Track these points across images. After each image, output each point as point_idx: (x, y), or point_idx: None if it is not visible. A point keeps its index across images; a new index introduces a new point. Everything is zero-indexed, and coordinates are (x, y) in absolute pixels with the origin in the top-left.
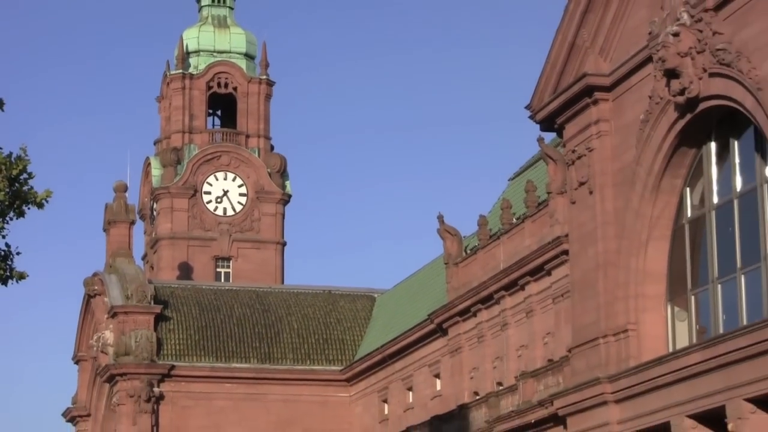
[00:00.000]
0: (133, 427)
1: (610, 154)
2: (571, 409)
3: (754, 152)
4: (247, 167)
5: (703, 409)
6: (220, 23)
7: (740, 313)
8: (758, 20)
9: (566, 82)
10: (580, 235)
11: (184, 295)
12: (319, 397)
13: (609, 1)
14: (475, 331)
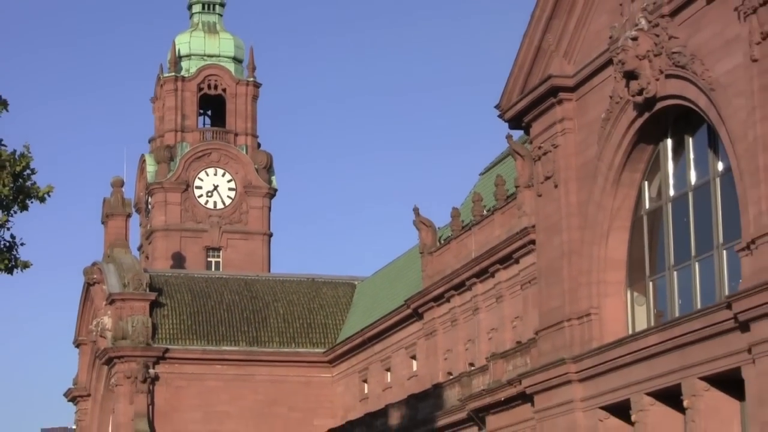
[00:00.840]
0: (130, 406)
1: (573, 150)
2: (538, 387)
3: (707, 148)
4: (236, 163)
5: (661, 387)
6: (210, 29)
7: (694, 298)
8: (710, 25)
9: (533, 83)
10: (546, 226)
11: (177, 283)
12: (304, 378)
13: (572, 8)
14: (449, 315)
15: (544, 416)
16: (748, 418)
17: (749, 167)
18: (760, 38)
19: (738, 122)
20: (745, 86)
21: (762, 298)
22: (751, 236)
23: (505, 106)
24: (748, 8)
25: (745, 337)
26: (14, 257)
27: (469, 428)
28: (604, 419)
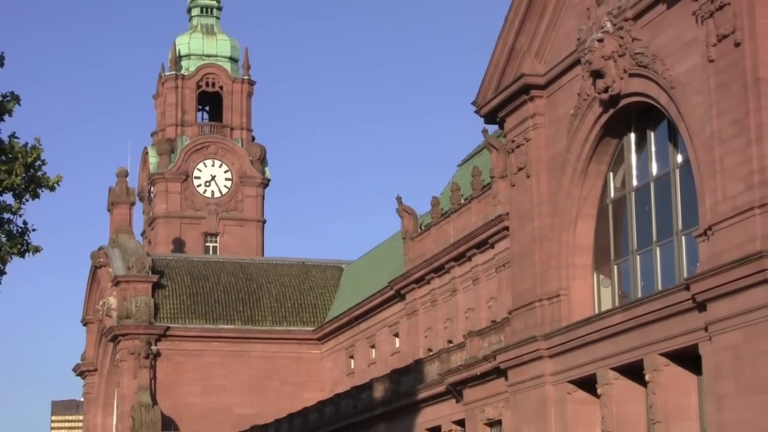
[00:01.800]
0: (134, 380)
1: (544, 143)
2: (511, 363)
3: (668, 142)
4: (232, 155)
5: (624, 363)
6: (208, 31)
7: (656, 280)
8: (670, 28)
9: (506, 81)
10: (519, 214)
11: (177, 266)
12: (294, 354)
13: (543, 11)
14: (429, 296)
15: (517, 389)
16: (704, 390)
17: (706, 159)
18: (716, 40)
19: (696, 118)
20: (703, 85)
21: (718, 281)
22: (708, 223)
23: (481, 102)
24: (705, 13)
25: (702, 317)
26: (26, 242)
27: (448, 401)
28: (572, 392)
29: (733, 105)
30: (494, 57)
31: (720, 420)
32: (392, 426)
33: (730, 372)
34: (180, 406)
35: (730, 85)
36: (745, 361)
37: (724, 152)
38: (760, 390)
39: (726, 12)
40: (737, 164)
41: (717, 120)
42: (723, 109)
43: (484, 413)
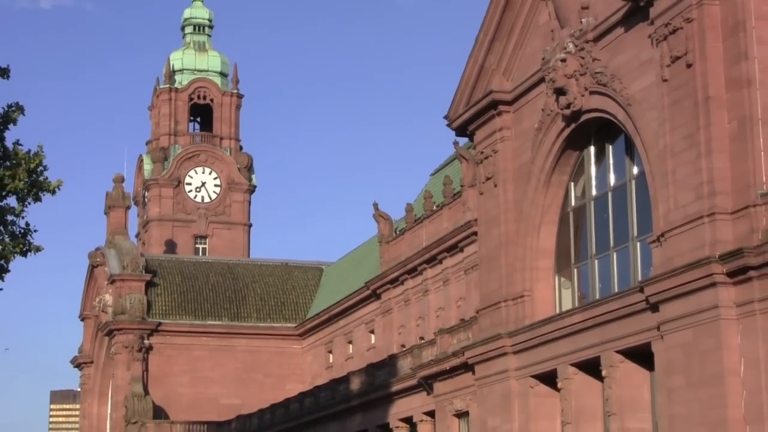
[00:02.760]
0: (128, 372)
1: (510, 155)
2: (478, 358)
3: (625, 155)
4: (221, 163)
5: (583, 359)
6: (200, 47)
7: (612, 282)
8: (628, 50)
9: (476, 97)
10: (486, 220)
11: (169, 266)
12: (277, 348)
13: (511, 33)
14: (403, 296)
15: (483, 383)
16: (656, 385)
17: (660, 171)
18: (669, 61)
19: (650, 133)
20: (657, 102)
21: (669, 284)
22: (661, 230)
23: (453, 116)
24: (659, 36)
25: (654, 317)
26: (28, 242)
27: (419, 393)
28: (535, 386)
29: (684, 121)
30: (465, 74)
31: (670, 412)
32: (368, 416)
33: (680, 368)
34: (170, 396)
35: (682, 102)
36: (694, 358)
37: (676, 164)
38: (708, 385)
39: (679, 35)
40: (688, 176)
41: (670, 135)
42: (675, 124)
43: (453, 405)
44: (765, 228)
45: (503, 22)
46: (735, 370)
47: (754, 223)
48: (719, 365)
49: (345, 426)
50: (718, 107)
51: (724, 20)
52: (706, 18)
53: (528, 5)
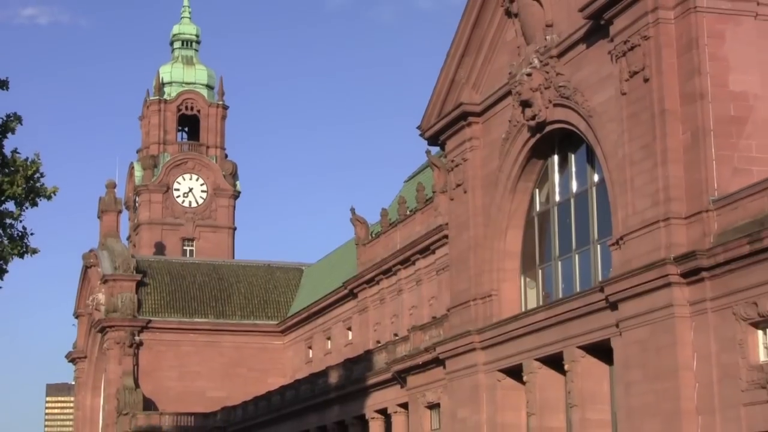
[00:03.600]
0: (119, 366)
1: (479, 163)
2: (448, 353)
3: (586, 163)
4: (207, 170)
5: (546, 354)
6: (188, 61)
7: (574, 282)
8: (589, 65)
9: (447, 108)
10: (456, 224)
11: (158, 266)
12: (260, 344)
13: (480, 49)
14: (378, 295)
15: (453, 377)
16: (615, 378)
17: (619, 179)
18: (628, 76)
19: (610, 143)
20: (616, 114)
21: (628, 284)
22: (620, 234)
23: (425, 126)
24: (619, 52)
25: (614, 315)
26: (25, 244)
27: (393, 386)
28: (501, 380)
29: (642, 132)
30: (437, 87)
31: (628, 404)
32: (345, 408)
33: (637, 362)
34: (159, 389)
35: (640, 114)
36: (650, 353)
37: (634, 173)
38: (663, 378)
39: (637, 52)
40: (645, 183)
41: (628, 145)
42: (633, 135)
43: (425, 397)
44: (716, 232)
45: (473, 39)
46: (688, 365)
47: (706, 228)
48: (674, 360)
49: (324, 417)
50: (673, 119)
51: (679, 38)
52: (662, 36)
53: (496, 23)
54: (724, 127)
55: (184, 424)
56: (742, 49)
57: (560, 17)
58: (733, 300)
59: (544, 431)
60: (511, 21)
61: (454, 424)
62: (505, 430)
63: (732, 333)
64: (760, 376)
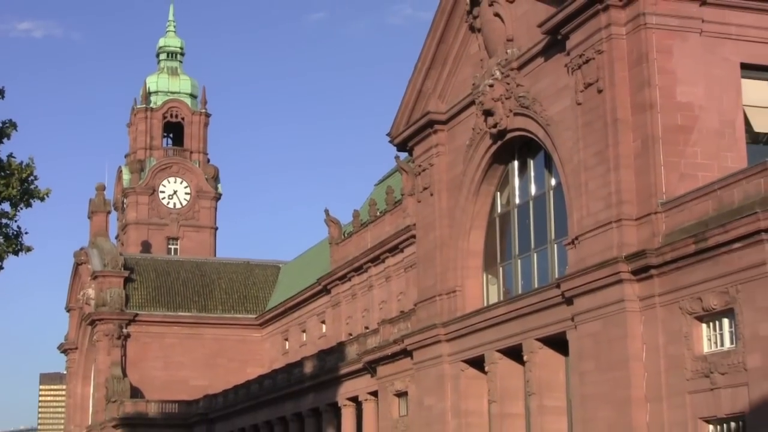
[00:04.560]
0: (108, 357)
1: (445, 168)
2: (416, 345)
3: (544, 168)
4: (191, 174)
5: (507, 346)
6: (173, 72)
7: (533, 279)
8: (547, 77)
9: (415, 117)
10: (423, 224)
11: (145, 264)
12: (240, 337)
13: (446, 61)
14: (350, 291)
15: (420, 367)
16: (570, 368)
17: (574, 183)
18: (583, 87)
19: (566, 149)
20: (572, 123)
21: (582, 280)
22: (575, 234)
23: (394, 134)
24: (574, 65)
25: (569, 309)
26: (20, 243)
27: (364, 376)
28: (465, 369)
29: (596, 139)
30: (405, 97)
31: (582, 392)
32: (319, 396)
33: (590, 354)
34: (146, 378)
35: (594, 123)
36: (602, 345)
37: (589, 177)
38: (614, 368)
39: (591, 65)
40: (599, 187)
41: (583, 151)
42: (588, 142)
43: (394, 386)
44: (664, 232)
45: (439, 52)
46: (638, 356)
47: (655, 228)
48: (624, 351)
49: (299, 404)
50: (625, 128)
51: (630, 52)
52: (614, 50)
53: (460, 38)
54: (672, 135)
55: (169, 411)
56: (688, 63)
57: (520, 32)
58: (680, 296)
59: (504, 417)
60: (475, 36)
61: (420, 411)
62: (468, 416)
63: (678, 326)
64: (703, 366)
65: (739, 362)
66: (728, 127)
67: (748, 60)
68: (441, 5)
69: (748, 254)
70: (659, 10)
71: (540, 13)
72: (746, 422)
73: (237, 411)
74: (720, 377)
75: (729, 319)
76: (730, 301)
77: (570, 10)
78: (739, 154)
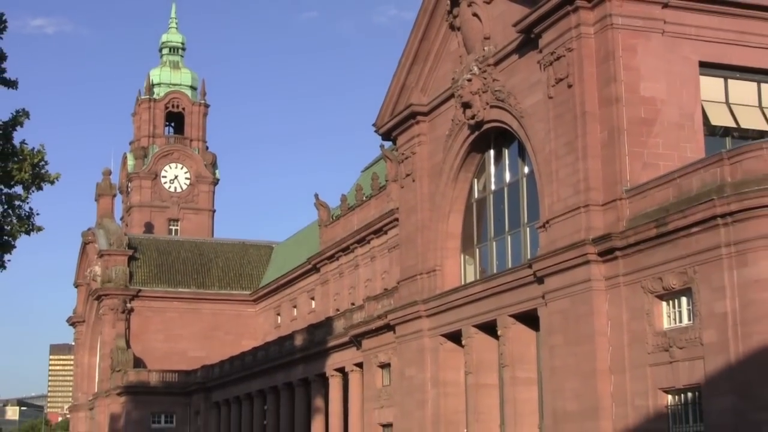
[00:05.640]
0: (113, 329)
1: (426, 156)
2: (398, 320)
3: (518, 157)
4: (191, 160)
5: (482, 321)
6: (175, 66)
7: (507, 259)
8: (520, 73)
9: (399, 109)
10: (406, 209)
11: (147, 243)
12: (235, 311)
13: (428, 57)
14: (338, 269)
15: (402, 340)
16: (541, 342)
17: (546, 171)
18: (554, 82)
19: (539, 140)
20: (544, 115)
21: (552, 261)
22: (546, 218)
23: (380, 124)
24: (546, 62)
25: (540, 288)
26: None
27: (350, 348)
28: (443, 343)
29: (566, 131)
30: (390, 90)
31: (551, 365)
32: (308, 367)
33: (559, 329)
34: (148, 350)
35: (564, 115)
36: (570, 321)
37: (559, 166)
38: (581, 342)
39: (562, 62)
40: (568, 175)
41: (554, 141)
42: (558, 133)
43: (378, 358)
44: (628, 217)
45: (421, 49)
46: (603, 331)
47: (620, 213)
48: (590, 327)
49: (290, 375)
50: (593, 120)
51: (598, 50)
52: (583, 48)
53: (441, 36)
54: (636, 127)
55: (169, 380)
56: (651, 61)
57: (496, 31)
58: (642, 276)
59: (479, 387)
60: (455, 34)
61: (402, 381)
62: (446, 386)
63: (641, 304)
64: (663, 340)
65: (696, 337)
66: (687, 120)
67: (705, 58)
68: (423, 5)
69: (704, 238)
70: (624, 12)
71: (515, 13)
72: (701, 392)
73: (232, 380)
74: (678, 351)
75: (687, 297)
76: (688, 281)
77: (542, 10)
78: (698, 146)
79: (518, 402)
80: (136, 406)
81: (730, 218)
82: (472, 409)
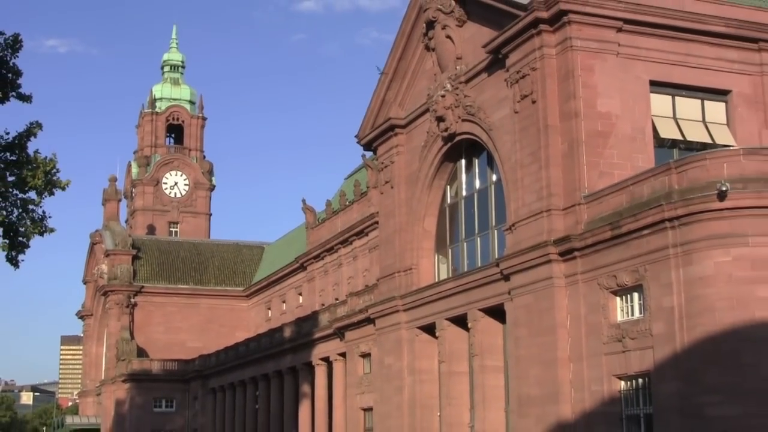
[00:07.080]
0: (118, 322)
1: (403, 165)
2: (378, 314)
3: (487, 166)
4: (189, 168)
5: (454, 315)
6: (175, 82)
7: (476, 259)
8: (489, 90)
9: (379, 122)
10: (385, 212)
11: (150, 244)
12: (230, 306)
13: (405, 75)
14: (323, 267)
15: (381, 332)
16: (507, 334)
17: (512, 178)
18: (519, 98)
19: (506, 151)
20: (510, 128)
21: (517, 260)
22: (512, 221)
23: (361, 135)
24: (513, 80)
25: (506, 284)
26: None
27: (334, 339)
28: (419, 335)
29: (530, 142)
30: (371, 105)
31: (517, 354)
32: (296, 356)
33: (524, 322)
34: (150, 341)
35: (529, 128)
36: (533, 314)
37: (524, 174)
38: (543, 334)
39: (527, 80)
40: (532, 182)
41: (520, 152)
42: (524, 144)
43: (359, 348)
44: (586, 221)
45: (399, 68)
46: (563, 324)
47: (578, 217)
48: (552, 320)
49: (279, 363)
50: (554, 133)
51: (559, 69)
52: (546, 68)
53: (417, 56)
54: (593, 139)
55: (169, 368)
56: (607, 80)
57: (467, 52)
58: (598, 273)
59: (451, 375)
60: (430, 54)
61: (381, 369)
62: (421, 374)
63: (597, 299)
64: (617, 332)
65: (646, 329)
66: (639, 133)
67: (655, 78)
68: (402, 29)
69: (654, 239)
70: (583, 35)
71: (484, 35)
72: (651, 378)
73: (227, 368)
74: (630, 341)
75: (638, 293)
76: (639, 279)
77: (509, 33)
78: (648, 156)
79: (487, 388)
80: (140, 392)
81: (677, 222)
82: (445, 394)
